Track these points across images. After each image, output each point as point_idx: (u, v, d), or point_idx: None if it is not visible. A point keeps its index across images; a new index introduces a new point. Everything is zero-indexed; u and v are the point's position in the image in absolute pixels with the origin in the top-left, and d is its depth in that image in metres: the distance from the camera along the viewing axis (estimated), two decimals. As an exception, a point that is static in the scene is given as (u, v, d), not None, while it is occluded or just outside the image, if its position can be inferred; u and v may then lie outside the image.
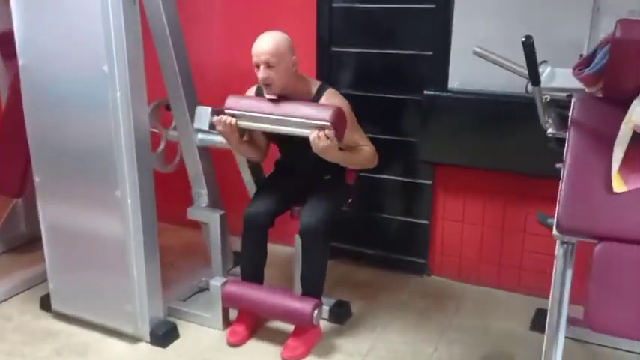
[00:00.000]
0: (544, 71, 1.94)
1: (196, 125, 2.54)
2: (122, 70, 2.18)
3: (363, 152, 2.44)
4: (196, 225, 2.93)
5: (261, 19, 3.13)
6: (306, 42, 3.01)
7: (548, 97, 1.87)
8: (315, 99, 2.38)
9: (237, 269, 3.14)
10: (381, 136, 2.90)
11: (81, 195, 2.44)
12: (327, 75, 3.00)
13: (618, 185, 1.67)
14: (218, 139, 2.75)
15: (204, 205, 2.89)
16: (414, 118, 2.89)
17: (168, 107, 2.79)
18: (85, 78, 2.24)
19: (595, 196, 1.70)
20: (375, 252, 3.19)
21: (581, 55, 2.11)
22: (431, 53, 2.79)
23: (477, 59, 2.68)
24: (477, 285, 3.03)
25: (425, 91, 2.77)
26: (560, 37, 2.43)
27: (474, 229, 2.98)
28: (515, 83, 2.60)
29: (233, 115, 2.35)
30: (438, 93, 2.77)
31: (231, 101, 2.38)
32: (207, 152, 2.85)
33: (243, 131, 2.43)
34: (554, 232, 1.75)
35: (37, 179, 2.52)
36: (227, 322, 2.64)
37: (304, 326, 2.43)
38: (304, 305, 2.39)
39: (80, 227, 2.49)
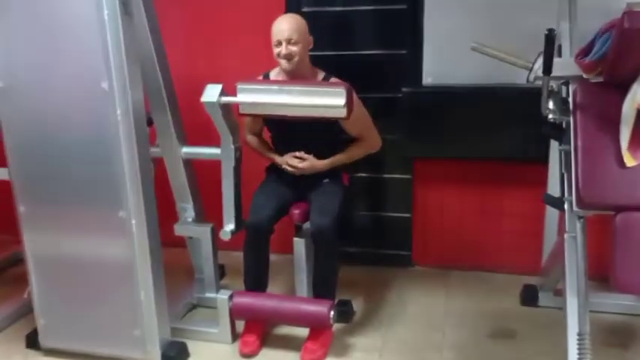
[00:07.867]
0: (539, 62, 2.07)
1: (204, 98, 2.40)
2: (122, 86, 2.10)
3: (364, 145, 2.63)
4: (168, 242, 2.84)
5: (228, 27, 3.11)
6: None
7: (554, 86, 2.02)
8: None
9: (226, 282, 3.12)
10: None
11: (77, 221, 2.31)
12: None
13: (629, 160, 1.85)
14: (203, 151, 2.72)
15: (191, 219, 2.84)
16: (391, 116, 2.98)
17: (148, 122, 2.70)
18: (81, 98, 2.13)
19: (610, 172, 1.86)
20: (360, 250, 3.25)
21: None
22: (404, 52, 2.90)
23: (448, 55, 2.87)
24: (459, 270, 3.17)
25: (403, 89, 2.88)
26: (525, 30, 2.60)
27: (453, 217, 3.13)
28: (482, 75, 2.81)
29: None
30: (414, 90, 2.89)
31: (245, 83, 2.38)
32: (190, 165, 2.80)
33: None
34: (575, 208, 1.91)
35: (21, 209, 2.36)
36: (235, 335, 2.60)
37: (320, 328, 2.45)
38: (321, 308, 2.40)
39: (76, 255, 2.35)
